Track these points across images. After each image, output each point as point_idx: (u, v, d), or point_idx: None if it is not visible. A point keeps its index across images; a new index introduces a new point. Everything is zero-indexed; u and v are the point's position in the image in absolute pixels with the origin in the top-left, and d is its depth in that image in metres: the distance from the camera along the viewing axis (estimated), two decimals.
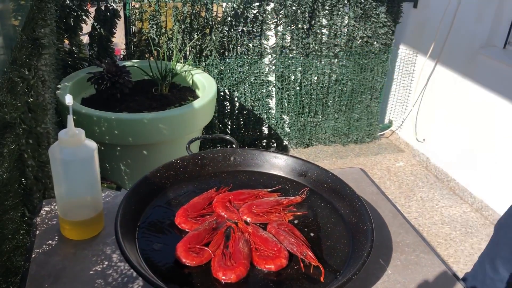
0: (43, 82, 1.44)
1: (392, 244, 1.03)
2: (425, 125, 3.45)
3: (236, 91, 3.15)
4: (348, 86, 3.40)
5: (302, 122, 3.43)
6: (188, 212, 0.96)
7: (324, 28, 3.19)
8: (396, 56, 3.56)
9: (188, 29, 2.85)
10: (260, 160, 1.15)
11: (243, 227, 0.94)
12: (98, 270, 0.91)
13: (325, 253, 0.90)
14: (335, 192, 1.04)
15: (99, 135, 2.15)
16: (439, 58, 3.17)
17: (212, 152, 1.15)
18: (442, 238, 2.65)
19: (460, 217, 2.85)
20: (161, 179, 1.05)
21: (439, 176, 3.25)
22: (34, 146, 1.23)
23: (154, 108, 2.34)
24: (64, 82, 2.35)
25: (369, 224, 0.90)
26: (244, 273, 0.82)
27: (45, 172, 1.40)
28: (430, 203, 2.97)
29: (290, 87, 3.28)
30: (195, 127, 2.43)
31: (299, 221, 0.99)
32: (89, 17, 2.62)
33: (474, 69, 2.93)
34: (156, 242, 0.90)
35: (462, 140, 3.06)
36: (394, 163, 3.44)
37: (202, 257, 0.85)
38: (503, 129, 2.72)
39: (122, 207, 0.90)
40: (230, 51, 3.02)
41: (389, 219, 1.11)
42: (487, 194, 2.86)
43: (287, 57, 3.18)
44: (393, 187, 3.12)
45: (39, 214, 1.06)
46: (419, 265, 0.98)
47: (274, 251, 0.86)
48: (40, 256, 0.93)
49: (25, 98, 1.14)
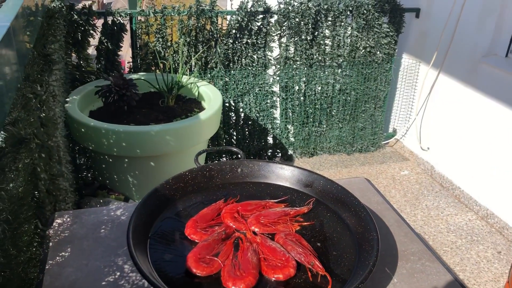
0: (53, 97, 1.48)
1: (397, 253, 1.04)
2: (429, 133, 3.46)
3: (241, 102, 3.18)
4: (352, 96, 3.43)
5: (306, 132, 3.46)
6: (198, 223, 0.99)
7: (327, 39, 3.23)
8: (399, 65, 3.59)
9: (194, 42, 2.89)
10: (267, 172, 1.17)
11: (251, 238, 0.96)
12: (110, 281, 0.93)
13: (332, 262, 0.91)
14: (340, 202, 1.06)
15: (107, 147, 2.18)
16: (442, 67, 3.19)
17: (220, 164, 1.17)
18: (448, 246, 2.65)
19: (465, 225, 2.85)
20: (171, 191, 1.07)
21: (444, 184, 3.26)
22: (46, 160, 1.26)
23: (161, 120, 2.37)
24: (73, 96, 2.39)
25: (374, 233, 0.92)
26: (253, 283, 0.84)
27: (56, 185, 1.43)
28: (436, 211, 2.98)
29: (294, 97, 3.31)
30: (201, 138, 2.46)
31: (306, 231, 1.01)
32: (96, 31, 2.67)
33: (477, 77, 2.95)
34: (167, 252, 0.92)
35: (466, 148, 3.07)
36: (399, 171, 3.45)
37: (212, 267, 0.87)
38: (506, 136, 2.73)
39: (133, 219, 0.92)
40: (235, 62, 3.06)
41: (394, 228, 1.13)
42: (493, 202, 2.87)
43: (291, 67, 3.21)
44: (398, 195, 3.13)
45: (52, 226, 1.08)
46: (424, 273, 0.99)
47: (282, 261, 0.88)
48: (54, 268, 0.96)
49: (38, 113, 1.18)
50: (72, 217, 1.12)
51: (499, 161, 2.80)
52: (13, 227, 0.93)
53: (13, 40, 0.91)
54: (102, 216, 1.13)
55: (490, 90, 2.85)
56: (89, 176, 2.68)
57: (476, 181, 2.99)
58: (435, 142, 3.40)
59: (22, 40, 1.20)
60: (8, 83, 0.78)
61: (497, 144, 2.82)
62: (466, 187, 3.08)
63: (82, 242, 1.04)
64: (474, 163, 3.01)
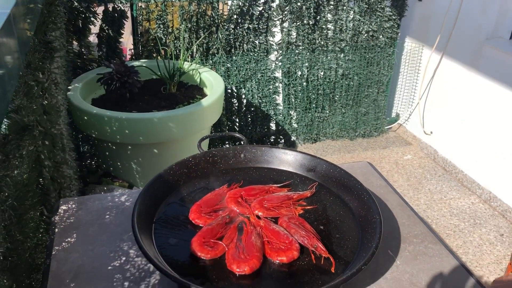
0: (56, 85, 1.48)
1: (400, 236, 1.05)
2: (432, 117, 3.45)
3: (243, 88, 3.17)
4: (354, 81, 3.41)
5: (309, 118, 3.45)
6: (202, 208, 0.99)
7: (329, 24, 3.21)
8: (402, 49, 3.56)
9: (195, 28, 2.88)
10: (270, 157, 1.18)
11: (255, 221, 0.97)
12: (116, 266, 0.94)
13: (335, 245, 0.92)
14: (343, 186, 1.07)
15: (110, 134, 2.19)
16: (445, 50, 3.17)
17: (223, 149, 1.17)
18: (451, 229, 2.67)
19: (468, 209, 2.86)
20: (174, 177, 1.08)
21: (447, 168, 3.26)
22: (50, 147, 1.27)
23: (163, 107, 2.38)
24: (75, 84, 2.39)
25: (377, 216, 0.93)
26: (258, 265, 0.85)
27: (60, 172, 1.44)
28: (439, 195, 2.99)
29: (297, 83, 3.29)
30: (204, 125, 2.47)
31: (309, 214, 1.01)
32: (97, 18, 2.66)
33: (480, 60, 2.93)
34: (171, 237, 0.93)
35: (470, 131, 3.06)
36: (402, 156, 3.45)
37: (217, 250, 0.88)
38: (510, 119, 2.72)
39: (138, 204, 0.93)
40: (236, 48, 3.05)
41: (397, 211, 1.13)
42: (495, 185, 2.87)
43: (293, 53, 3.20)
44: (401, 180, 3.14)
45: (57, 213, 1.09)
46: (427, 255, 1.00)
47: (286, 244, 0.89)
48: (60, 253, 0.97)
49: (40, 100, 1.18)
50: (77, 203, 1.13)
51: (502, 145, 2.80)
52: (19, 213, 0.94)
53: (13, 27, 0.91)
54: (107, 203, 1.14)
55: (494, 73, 2.83)
56: (93, 164, 2.69)
57: (479, 165, 2.99)
58: (438, 126, 3.39)
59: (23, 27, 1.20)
60: (10, 70, 0.78)
61: (500, 128, 2.81)
62: (469, 171, 3.08)
63: (88, 228, 1.05)
64: (477, 146, 3.00)
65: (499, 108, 2.80)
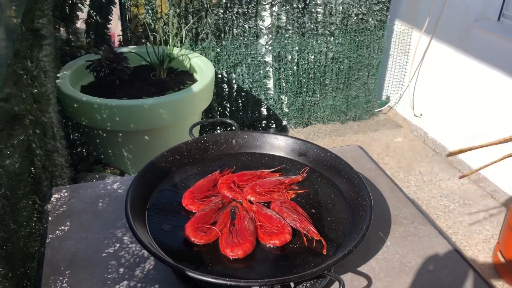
0: (45, 73, 1.47)
1: (390, 217, 1.07)
2: (422, 100, 3.47)
3: (234, 73, 3.16)
4: (345, 64, 3.42)
5: (300, 102, 3.46)
6: (194, 194, 1.00)
7: (319, 7, 3.19)
8: (391, 32, 3.56)
9: (184, 13, 2.85)
10: (261, 142, 1.19)
11: (247, 206, 0.98)
12: (110, 252, 0.95)
13: (326, 228, 0.94)
14: (334, 169, 1.08)
15: (100, 122, 2.18)
16: (434, 32, 3.18)
17: (215, 135, 1.18)
18: (441, 210, 2.71)
19: (458, 189, 2.90)
20: (166, 164, 1.09)
21: (437, 149, 3.30)
22: (41, 136, 1.26)
23: (154, 94, 2.37)
24: (63, 71, 2.37)
25: (367, 199, 0.94)
26: (251, 249, 0.86)
27: (52, 160, 1.44)
28: (429, 176, 3.02)
29: (287, 67, 3.29)
30: (195, 111, 2.46)
31: (301, 198, 1.03)
32: (84, 4, 2.62)
33: (469, 42, 2.94)
34: (165, 223, 0.94)
35: (459, 113, 3.09)
36: (393, 138, 3.47)
37: (210, 235, 0.89)
38: (498, 101, 2.75)
39: (131, 191, 0.93)
40: (226, 33, 3.03)
41: (387, 194, 1.15)
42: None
43: (283, 37, 3.19)
44: (392, 162, 3.16)
45: (50, 201, 1.10)
46: (417, 236, 1.02)
47: (278, 227, 0.91)
48: (54, 241, 0.98)
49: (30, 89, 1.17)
50: (70, 191, 1.13)
51: (491, 126, 2.83)
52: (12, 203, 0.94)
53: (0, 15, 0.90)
54: (99, 190, 1.15)
55: (482, 55, 2.85)
56: (84, 152, 2.68)
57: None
58: (428, 108, 3.42)
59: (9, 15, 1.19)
60: None
61: (488, 109, 2.84)
62: None
63: (81, 216, 1.06)
64: (466, 128, 3.03)
65: (488, 89, 2.82)
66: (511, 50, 2.64)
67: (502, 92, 2.72)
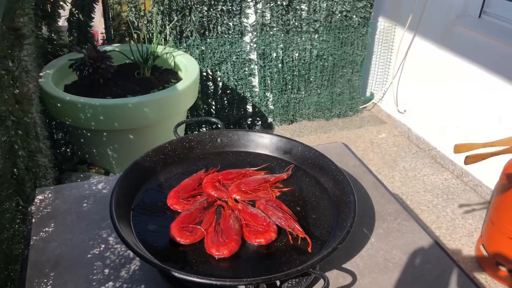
0: (26, 72, 1.45)
1: (374, 214, 1.09)
2: (406, 96, 3.51)
3: (219, 71, 3.16)
4: (329, 61, 3.43)
5: (285, 99, 3.47)
6: (179, 194, 1.00)
7: (303, 4, 3.20)
8: (375, 29, 3.59)
9: (167, 10, 2.84)
10: (246, 141, 1.19)
11: (233, 205, 0.98)
12: (95, 253, 0.94)
13: (311, 225, 0.95)
14: (319, 167, 1.09)
15: (84, 121, 2.16)
16: (417, 29, 3.21)
17: (199, 134, 1.18)
18: (424, 205, 2.74)
19: (441, 184, 2.94)
20: (151, 163, 1.08)
21: (421, 145, 3.34)
22: (23, 137, 1.25)
23: (138, 92, 2.35)
24: (46, 70, 2.34)
25: (351, 196, 0.95)
26: (236, 248, 0.87)
27: (35, 161, 1.42)
28: (413, 172, 3.06)
29: (272, 65, 3.30)
30: (180, 109, 2.46)
31: (286, 196, 1.03)
32: (66, 2, 2.59)
33: (451, 39, 2.98)
34: (150, 223, 0.94)
35: (442, 109, 3.13)
36: (377, 135, 3.51)
37: (196, 235, 0.89)
38: (479, 97, 2.79)
39: (115, 192, 0.93)
40: (210, 31, 3.02)
41: (371, 190, 1.16)
42: None
43: (268, 34, 3.19)
44: (377, 158, 3.19)
45: (33, 202, 1.09)
46: (400, 232, 1.04)
47: (264, 226, 0.91)
48: (38, 243, 0.97)
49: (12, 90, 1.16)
50: (54, 192, 1.12)
51: (473, 122, 2.87)
52: None
53: None
54: (84, 191, 1.14)
55: (464, 52, 2.88)
56: (68, 151, 2.66)
57: (451, 142, 3.05)
58: (412, 104, 3.45)
59: None
60: None
61: (470, 105, 2.88)
62: (442, 148, 3.16)
63: (65, 217, 1.05)
64: (449, 124, 3.07)
65: (470, 85, 2.86)
66: (491, 47, 2.68)
67: (483, 88, 2.76)
